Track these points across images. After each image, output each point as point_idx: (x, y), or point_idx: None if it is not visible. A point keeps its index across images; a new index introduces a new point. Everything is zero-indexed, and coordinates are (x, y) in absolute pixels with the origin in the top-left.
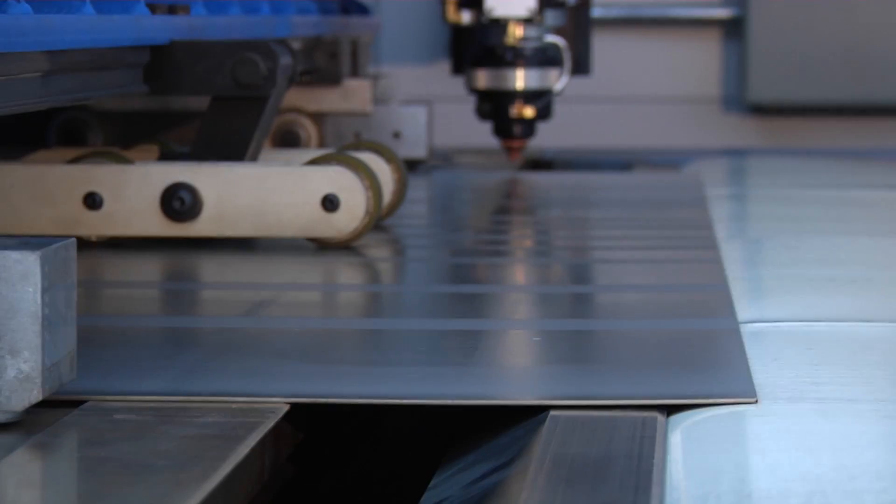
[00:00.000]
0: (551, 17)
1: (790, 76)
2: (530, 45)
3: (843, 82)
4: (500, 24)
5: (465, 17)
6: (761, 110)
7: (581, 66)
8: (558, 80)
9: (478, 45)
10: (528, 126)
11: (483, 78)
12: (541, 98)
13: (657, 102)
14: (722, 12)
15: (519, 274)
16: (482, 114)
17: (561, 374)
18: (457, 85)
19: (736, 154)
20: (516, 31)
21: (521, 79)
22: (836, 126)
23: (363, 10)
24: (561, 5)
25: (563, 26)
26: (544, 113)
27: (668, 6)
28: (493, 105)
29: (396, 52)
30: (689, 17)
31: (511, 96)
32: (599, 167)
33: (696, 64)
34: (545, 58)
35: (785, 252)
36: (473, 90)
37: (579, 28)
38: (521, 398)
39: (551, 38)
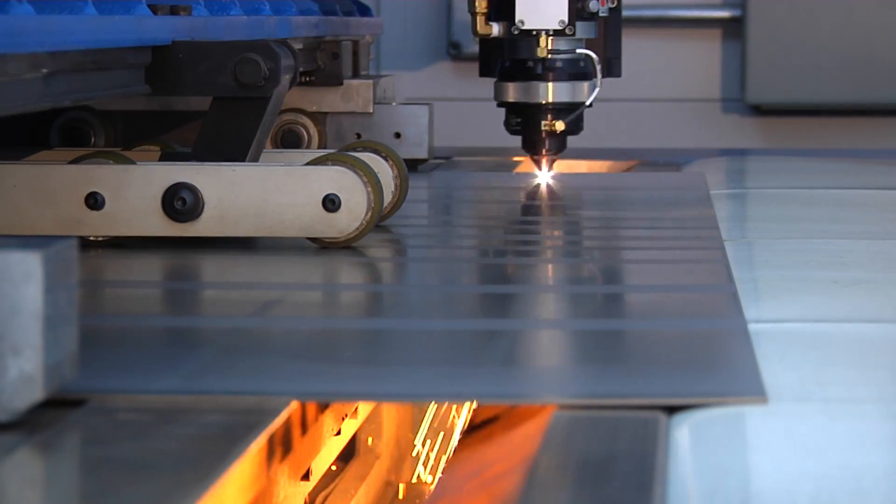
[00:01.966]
0: (582, 29)
1: (790, 77)
2: (561, 57)
3: (842, 83)
4: (531, 37)
5: (496, 29)
6: (761, 111)
7: (613, 70)
8: (589, 94)
9: (507, 58)
10: (559, 140)
11: (512, 91)
12: (571, 112)
13: (657, 103)
14: (722, 13)
15: (522, 274)
16: (511, 128)
17: (566, 373)
18: (457, 86)
19: (736, 154)
20: (547, 44)
21: (551, 92)
22: (836, 126)
23: (364, 11)
24: (592, 16)
25: (594, 38)
26: (575, 127)
27: (668, 6)
28: (523, 119)
29: (398, 52)
30: (689, 17)
31: (541, 110)
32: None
33: (696, 64)
34: (576, 71)
35: (786, 252)
36: (502, 104)
37: (611, 34)
38: (525, 397)
39: (582, 51)
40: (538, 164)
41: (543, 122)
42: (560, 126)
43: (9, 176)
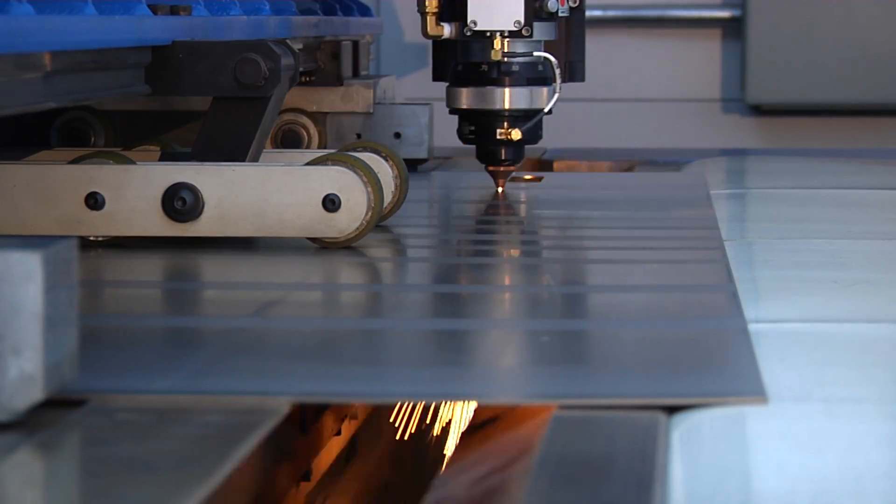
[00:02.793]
0: (540, 30)
1: (790, 77)
2: (517, 60)
3: (842, 83)
4: (485, 39)
5: (447, 30)
6: (761, 111)
7: (575, 74)
8: (548, 100)
9: (460, 62)
10: (516, 150)
11: (465, 97)
12: (529, 119)
13: (657, 103)
14: (722, 13)
15: (522, 274)
16: (464, 137)
17: (566, 373)
18: None
19: (736, 154)
20: (502, 46)
21: (507, 98)
22: (836, 126)
23: (364, 11)
24: (551, 17)
25: (554, 40)
26: (532, 135)
27: (668, 6)
28: (477, 127)
29: (398, 52)
30: (689, 17)
31: (496, 117)
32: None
33: (696, 64)
34: (534, 75)
35: (786, 253)
36: (455, 110)
37: (573, 35)
38: (525, 398)
39: (540, 53)
40: (493, 175)
41: (499, 131)
42: (517, 135)
43: (9, 176)
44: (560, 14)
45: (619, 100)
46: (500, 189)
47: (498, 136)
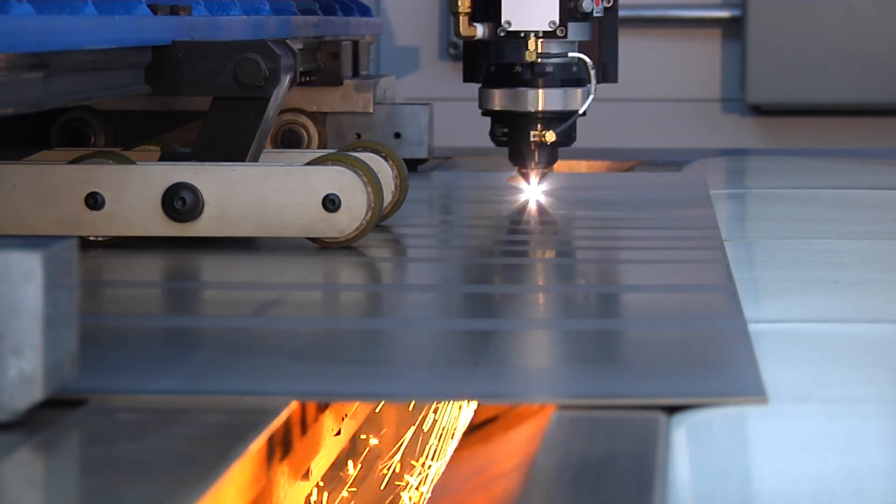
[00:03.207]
0: (575, 30)
1: (790, 77)
2: (552, 61)
3: (842, 83)
4: (519, 39)
5: (480, 30)
6: (761, 111)
7: (608, 75)
8: (583, 101)
9: (493, 62)
10: (549, 152)
11: (498, 98)
12: (563, 121)
13: (657, 103)
14: (722, 13)
15: (522, 274)
16: (497, 139)
17: (566, 373)
18: (457, 86)
19: (736, 154)
20: (537, 47)
21: (541, 100)
22: (836, 126)
23: (364, 11)
24: (586, 17)
25: (588, 41)
26: (567, 137)
27: (668, 6)
28: (510, 129)
29: (397, 52)
30: (689, 17)
31: (530, 119)
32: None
33: (695, 64)
34: (568, 76)
35: (786, 253)
36: (487, 112)
37: (607, 36)
38: (525, 397)
39: (575, 54)
40: (526, 177)
41: (532, 133)
42: (551, 137)
43: (9, 176)
44: (595, 14)
45: (619, 100)
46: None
47: (531, 138)
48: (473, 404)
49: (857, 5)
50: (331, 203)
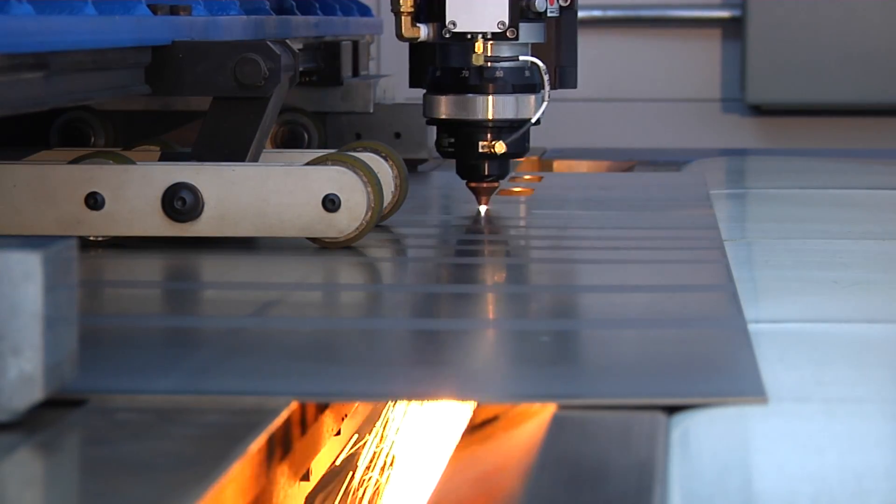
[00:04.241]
0: (527, 32)
1: (790, 77)
2: (502, 66)
3: (842, 83)
4: (465, 42)
5: (423, 32)
6: (761, 111)
7: (566, 80)
8: (536, 109)
9: (438, 67)
10: (501, 164)
11: (444, 106)
12: (515, 130)
13: (657, 102)
14: (722, 13)
15: (522, 274)
16: (443, 149)
17: (566, 374)
18: None
19: (736, 154)
20: (485, 50)
21: (490, 107)
22: (836, 126)
23: (364, 11)
24: (539, 17)
25: (542, 43)
26: (519, 148)
27: (668, 6)
28: (457, 139)
29: (398, 52)
30: (689, 17)
31: (479, 128)
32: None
33: (695, 64)
34: (520, 81)
35: (786, 253)
36: (432, 121)
37: (564, 38)
38: (525, 398)
39: (527, 58)
40: (475, 192)
41: (482, 143)
42: (501, 148)
43: (9, 176)
44: (549, 14)
45: (619, 100)
46: (483, 207)
47: (480, 150)
48: (473, 404)
49: (857, 5)
50: (331, 203)
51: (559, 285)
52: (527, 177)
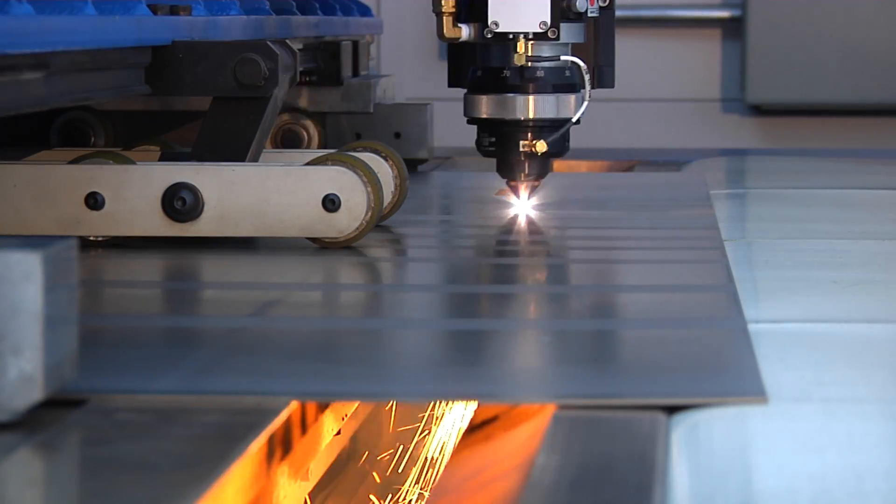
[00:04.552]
0: (568, 32)
1: (790, 77)
2: (543, 65)
3: (842, 82)
4: (507, 42)
5: (465, 32)
6: (761, 111)
7: (604, 79)
8: (576, 108)
9: (479, 66)
10: (540, 164)
11: (485, 105)
12: (555, 130)
13: (657, 103)
14: (722, 13)
15: (523, 274)
16: (483, 149)
17: (566, 373)
18: None
19: (736, 154)
20: (526, 50)
21: (531, 107)
22: (836, 126)
23: (364, 11)
24: (580, 17)
25: (582, 43)
26: (560, 147)
27: (668, 6)
28: (497, 138)
29: (397, 52)
30: (689, 17)
31: (519, 128)
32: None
33: (695, 64)
34: (561, 81)
35: (786, 253)
36: (473, 120)
37: (602, 38)
38: (525, 397)
39: (568, 58)
40: (515, 191)
41: (522, 143)
42: (542, 147)
43: (9, 176)
44: (589, 14)
45: (619, 100)
46: (522, 208)
47: (521, 149)
48: (473, 404)
49: (857, 5)
50: (331, 203)
51: (559, 285)
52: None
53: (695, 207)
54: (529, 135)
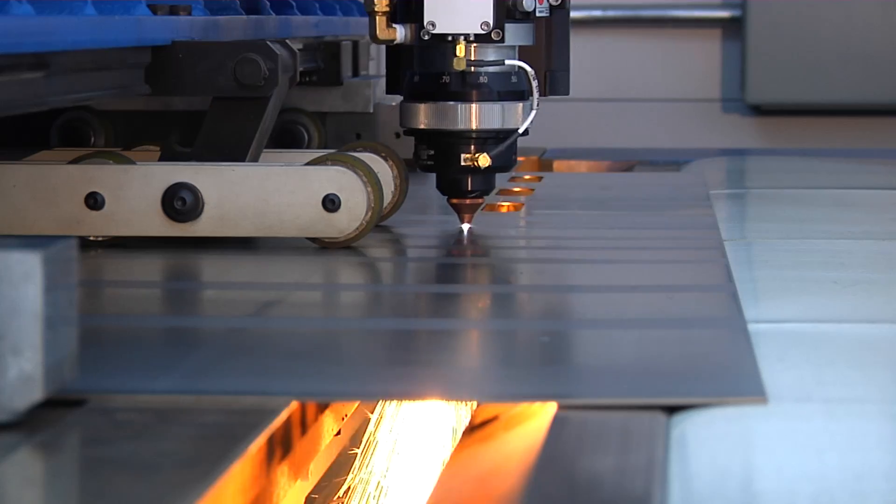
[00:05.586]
0: (514, 34)
1: (790, 77)
2: (487, 71)
3: (842, 83)
4: (446, 44)
5: (400, 33)
6: (761, 111)
7: (557, 86)
8: (524, 118)
9: (416, 72)
10: (485, 179)
11: (423, 115)
12: (500, 142)
13: (657, 102)
14: (722, 13)
15: (522, 274)
16: (421, 162)
17: (566, 374)
18: None
19: (736, 154)
20: (468, 53)
21: (474, 116)
22: (836, 126)
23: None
24: (527, 17)
25: (531, 46)
26: (505, 161)
27: (668, 6)
28: (437, 151)
29: None
30: (689, 17)
31: (461, 140)
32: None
33: (696, 64)
34: (506, 88)
35: (786, 253)
36: (410, 131)
37: (555, 40)
38: (525, 398)
39: (514, 62)
40: (457, 210)
41: (464, 156)
42: (485, 161)
43: (9, 176)
44: (538, 14)
45: (619, 100)
46: (465, 226)
47: (462, 163)
48: (473, 404)
49: (857, 5)
50: (331, 203)
51: (559, 285)
52: (527, 177)
53: (695, 207)
54: (472, 147)
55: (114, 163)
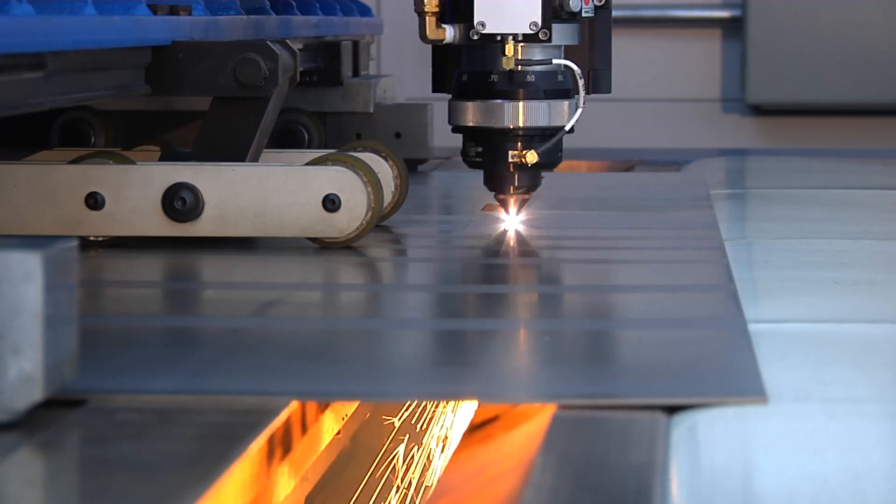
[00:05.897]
0: (560, 33)
1: (790, 77)
2: (534, 70)
3: (842, 82)
4: (495, 44)
5: (449, 33)
6: (761, 111)
7: (600, 84)
8: (570, 115)
9: (465, 71)
10: (530, 176)
11: (471, 113)
12: (547, 139)
13: (657, 102)
14: (722, 13)
15: (523, 274)
16: (469, 159)
17: (566, 374)
18: None
19: (736, 154)
20: (515, 53)
21: (521, 114)
22: (836, 126)
23: (364, 11)
24: (574, 18)
25: (576, 45)
26: (552, 157)
27: (668, 6)
28: (484, 148)
29: (397, 52)
30: (689, 17)
31: (508, 137)
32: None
33: (696, 64)
34: (553, 86)
35: (786, 253)
36: (458, 128)
37: (598, 39)
38: (525, 398)
39: (561, 61)
40: (504, 205)
41: (511, 153)
42: (532, 157)
43: (9, 176)
44: (584, 14)
45: (619, 100)
46: (511, 224)
47: (510, 159)
48: (473, 404)
49: (857, 5)
50: (331, 203)
51: (559, 285)
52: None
53: (695, 207)
54: (519, 144)
55: (114, 163)
